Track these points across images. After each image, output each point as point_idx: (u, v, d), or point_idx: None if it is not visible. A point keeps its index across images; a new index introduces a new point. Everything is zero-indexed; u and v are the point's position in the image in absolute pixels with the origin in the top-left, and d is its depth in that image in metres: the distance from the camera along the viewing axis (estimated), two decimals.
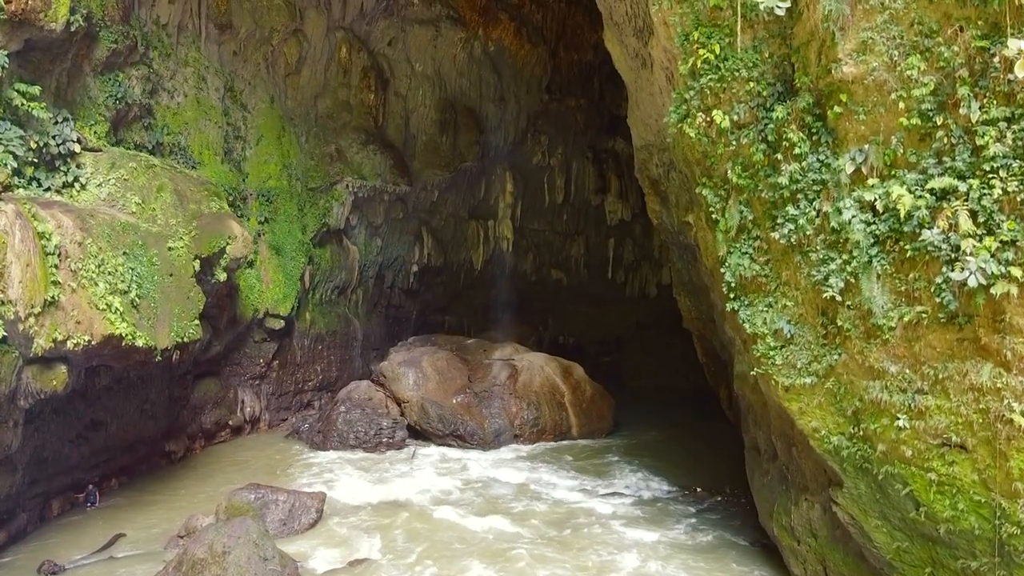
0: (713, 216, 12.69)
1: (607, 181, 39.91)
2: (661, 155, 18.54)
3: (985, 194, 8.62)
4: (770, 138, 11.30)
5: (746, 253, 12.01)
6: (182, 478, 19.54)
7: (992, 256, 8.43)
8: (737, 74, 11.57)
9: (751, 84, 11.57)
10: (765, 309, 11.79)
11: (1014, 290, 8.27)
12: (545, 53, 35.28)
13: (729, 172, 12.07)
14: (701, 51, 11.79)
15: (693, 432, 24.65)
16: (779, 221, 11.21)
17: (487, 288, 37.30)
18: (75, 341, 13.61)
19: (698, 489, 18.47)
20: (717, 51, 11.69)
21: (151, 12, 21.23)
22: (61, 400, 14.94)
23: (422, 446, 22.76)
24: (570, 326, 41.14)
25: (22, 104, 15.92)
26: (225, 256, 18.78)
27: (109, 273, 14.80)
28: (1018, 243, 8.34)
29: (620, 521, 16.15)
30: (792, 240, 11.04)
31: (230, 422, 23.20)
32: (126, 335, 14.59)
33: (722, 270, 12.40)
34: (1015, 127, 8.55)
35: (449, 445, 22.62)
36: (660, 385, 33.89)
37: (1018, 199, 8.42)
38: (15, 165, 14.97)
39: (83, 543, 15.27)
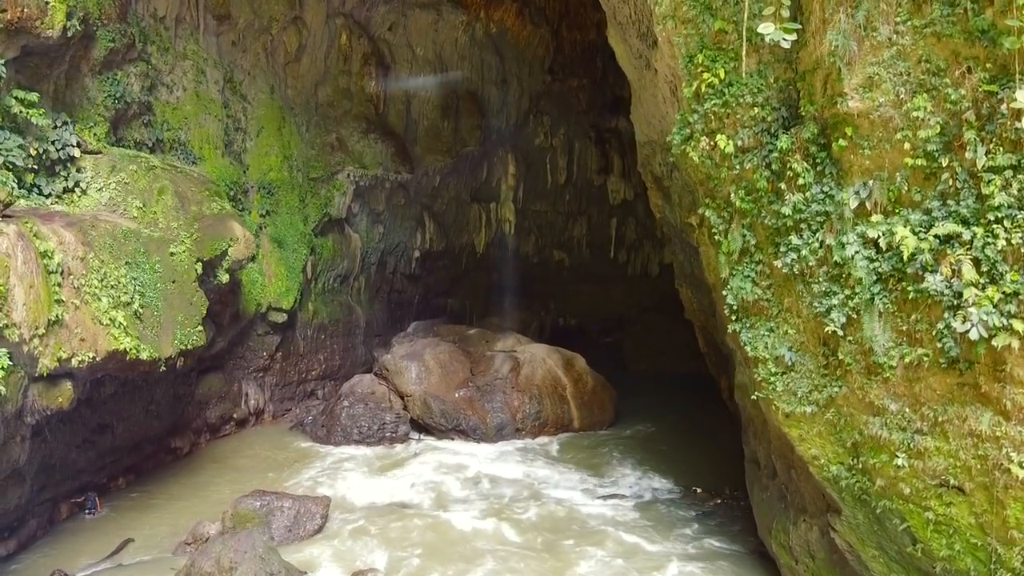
0: (716, 237, 12.67)
1: (610, 161, 39.65)
2: (664, 155, 18.41)
3: (989, 243, 8.58)
4: (774, 166, 11.23)
5: (748, 277, 11.99)
6: (188, 476, 19.77)
7: (995, 307, 8.43)
8: (742, 100, 11.45)
9: (755, 109, 11.45)
10: (767, 333, 11.80)
11: (1015, 343, 8.28)
12: (547, 34, 34.84)
13: (732, 195, 12.01)
14: (705, 75, 11.65)
15: (694, 423, 24.81)
16: (782, 249, 11.18)
17: (489, 271, 37.33)
18: (80, 358, 13.70)
19: (698, 490, 18.68)
20: (721, 75, 11.55)
21: (148, 6, 20.94)
22: (67, 409, 15.04)
23: (425, 440, 23.00)
24: (572, 307, 41.23)
25: (20, 111, 15.85)
26: (227, 258, 18.78)
27: (112, 286, 14.83)
28: (1020, 295, 8.32)
29: (620, 527, 16.33)
30: (794, 269, 11.02)
31: (234, 415, 23.40)
32: (130, 349, 14.68)
33: (724, 292, 12.41)
34: (1021, 176, 8.49)
35: (452, 439, 22.84)
36: (662, 369, 34.05)
37: (1022, 250, 8.38)
38: (15, 184, 14.87)
39: (92, 549, 15.51)
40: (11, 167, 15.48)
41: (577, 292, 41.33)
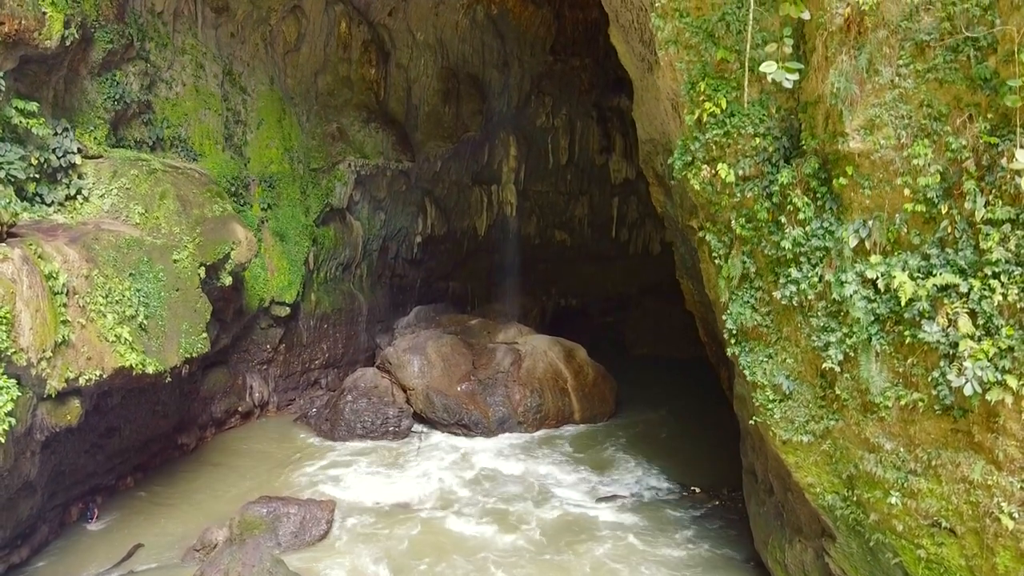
0: (716, 262, 12.74)
1: (612, 140, 39.48)
2: (665, 156, 18.40)
3: (985, 297, 8.66)
4: (775, 198, 11.26)
5: (748, 303, 12.09)
6: (195, 474, 20.05)
7: (989, 361, 8.54)
8: (743, 130, 11.43)
9: (757, 140, 11.44)
10: (765, 360, 11.93)
11: (1008, 399, 8.41)
12: (549, 14, 34.45)
13: (733, 222, 12.05)
14: (707, 104, 11.61)
15: (694, 414, 25.04)
16: (781, 280, 11.25)
17: (491, 253, 37.36)
18: (87, 377, 13.87)
19: (696, 490, 18.96)
20: (723, 105, 11.51)
21: (146, 2, 20.70)
22: (75, 425, 15.23)
23: (428, 434, 23.28)
24: (573, 287, 41.34)
25: (21, 122, 15.83)
26: (230, 261, 18.89)
27: (116, 301, 14.95)
28: (1015, 351, 8.43)
29: (620, 531, 16.65)
30: (793, 302, 11.11)
31: (239, 408, 23.66)
32: (136, 365, 14.84)
33: (723, 317, 12.52)
34: (1019, 232, 8.53)
35: (454, 433, 23.13)
36: (663, 354, 34.25)
37: (1018, 306, 8.46)
38: (17, 199, 14.88)
39: (102, 555, 15.82)
40: (12, 180, 15.51)
41: (578, 272, 41.42)
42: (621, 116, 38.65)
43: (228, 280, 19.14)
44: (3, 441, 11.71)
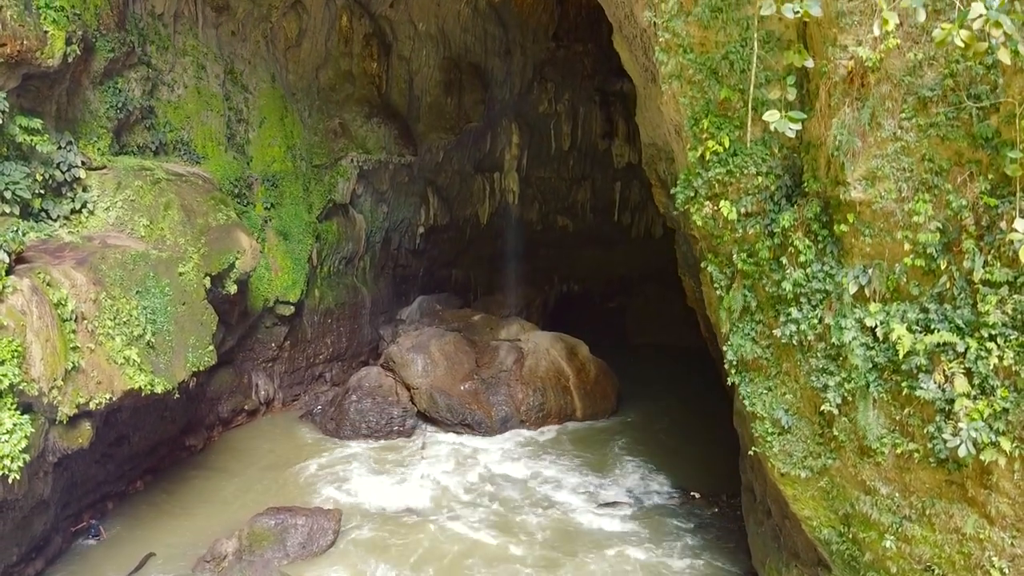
0: (718, 292, 12.87)
1: (614, 125, 39.29)
2: (668, 163, 18.44)
3: (982, 358, 8.80)
4: (776, 239, 11.35)
5: (748, 335, 12.24)
6: (203, 478, 20.36)
7: (984, 422, 8.71)
8: (746, 169, 11.50)
9: (759, 178, 11.52)
10: (765, 392, 12.12)
11: (1002, 460, 8.59)
12: (551, 0, 34.13)
13: (735, 256, 12.17)
14: (710, 142, 11.66)
15: (695, 410, 25.26)
16: (781, 319, 11.39)
17: (493, 240, 37.40)
18: (97, 401, 14.08)
19: (696, 495, 19.28)
20: (726, 144, 11.56)
21: (146, 4, 20.58)
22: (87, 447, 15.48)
23: (431, 434, 23.60)
24: (576, 272, 41.44)
25: (25, 139, 15.86)
26: (235, 271, 19.02)
27: (124, 322, 15.11)
28: (1010, 413, 8.59)
29: (619, 539, 17.00)
30: (793, 341, 11.26)
31: (246, 407, 23.95)
32: (145, 386, 15.05)
33: (724, 348, 12.69)
34: (1016, 296, 8.64)
35: (458, 433, 23.44)
36: (664, 343, 34.45)
37: (1013, 369, 8.61)
38: (22, 235, 14.91)
39: (115, 564, 16.18)
40: (19, 200, 15.58)
41: (581, 257, 41.49)
42: (624, 100, 38.35)
43: (233, 289, 19.31)
44: (19, 477, 11.95)
